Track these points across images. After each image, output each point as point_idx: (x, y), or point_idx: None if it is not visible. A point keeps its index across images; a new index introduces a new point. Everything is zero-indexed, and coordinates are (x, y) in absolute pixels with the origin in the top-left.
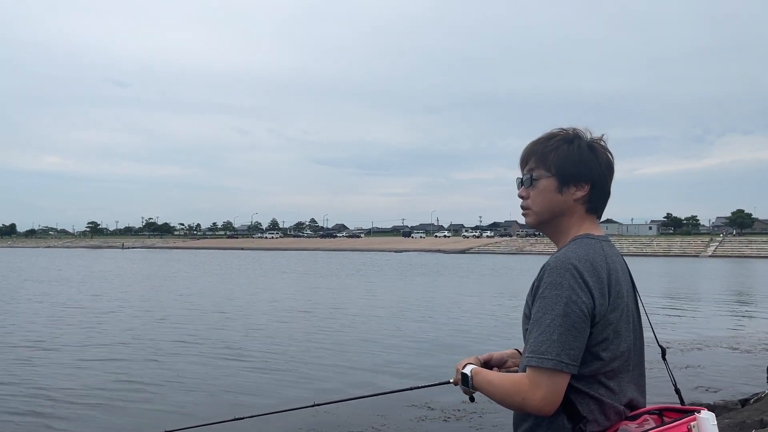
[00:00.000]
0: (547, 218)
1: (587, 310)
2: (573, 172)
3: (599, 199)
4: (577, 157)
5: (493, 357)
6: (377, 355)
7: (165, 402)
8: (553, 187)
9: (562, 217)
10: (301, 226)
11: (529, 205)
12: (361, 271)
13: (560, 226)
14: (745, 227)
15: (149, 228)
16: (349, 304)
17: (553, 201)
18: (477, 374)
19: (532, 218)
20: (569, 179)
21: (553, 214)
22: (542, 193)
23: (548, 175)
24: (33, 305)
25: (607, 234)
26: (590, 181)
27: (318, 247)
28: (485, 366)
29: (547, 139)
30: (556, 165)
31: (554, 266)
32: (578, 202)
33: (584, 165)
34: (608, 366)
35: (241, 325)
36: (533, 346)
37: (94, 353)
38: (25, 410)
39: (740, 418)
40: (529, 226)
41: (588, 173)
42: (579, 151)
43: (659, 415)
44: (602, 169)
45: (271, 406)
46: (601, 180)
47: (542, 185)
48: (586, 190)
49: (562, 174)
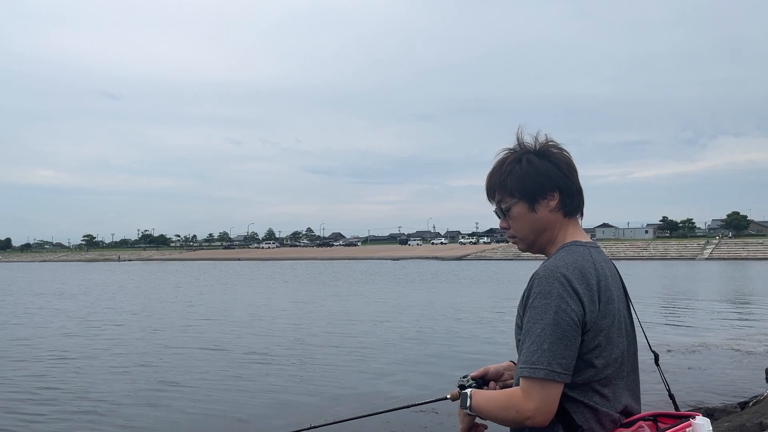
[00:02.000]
0: (533, 238)
1: (577, 318)
2: (535, 188)
3: (572, 200)
4: (533, 172)
5: (489, 371)
6: (381, 364)
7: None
8: (525, 209)
9: (545, 232)
10: (297, 235)
11: (513, 233)
12: (361, 280)
13: (546, 240)
14: (740, 229)
15: (145, 240)
16: (357, 312)
17: (532, 221)
18: (476, 394)
19: (521, 244)
20: (536, 195)
21: (536, 233)
22: (519, 219)
23: (515, 201)
24: (53, 317)
25: (604, 238)
26: (556, 188)
27: (315, 257)
28: (482, 379)
29: (499, 167)
30: (517, 189)
31: (543, 275)
32: (554, 211)
33: (542, 176)
34: (602, 373)
35: (269, 331)
36: (525, 356)
37: (132, 360)
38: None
39: (739, 421)
40: (522, 251)
41: (549, 182)
42: (530, 165)
43: (654, 421)
44: (562, 172)
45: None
46: (566, 182)
47: (515, 212)
48: (556, 197)
49: (526, 194)
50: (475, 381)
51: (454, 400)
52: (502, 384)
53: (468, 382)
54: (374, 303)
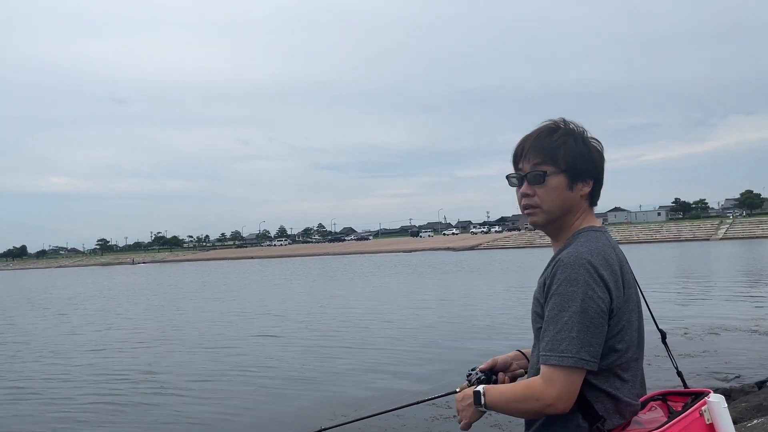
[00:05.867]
0: (559, 215)
1: (604, 306)
2: (583, 169)
3: (599, 192)
4: (586, 153)
5: (497, 361)
6: (390, 359)
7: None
8: (564, 185)
9: (569, 214)
10: (309, 231)
11: (538, 203)
12: (379, 273)
13: (566, 223)
14: (754, 208)
15: (158, 242)
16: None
17: (565, 198)
18: (489, 390)
19: (541, 217)
20: (579, 176)
21: (564, 211)
22: (554, 190)
23: (559, 172)
24: (92, 318)
25: (616, 222)
26: (595, 176)
27: (327, 252)
28: (490, 371)
29: (549, 134)
30: (566, 161)
31: (568, 262)
32: (584, 197)
33: (590, 160)
34: (623, 357)
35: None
36: (551, 344)
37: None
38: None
39: (757, 401)
40: (535, 226)
41: (594, 169)
42: (585, 146)
43: (663, 400)
44: (601, 163)
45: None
46: (601, 173)
47: (553, 182)
48: (591, 185)
49: (574, 170)
50: (483, 373)
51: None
52: (511, 375)
53: (477, 374)
54: (386, 297)
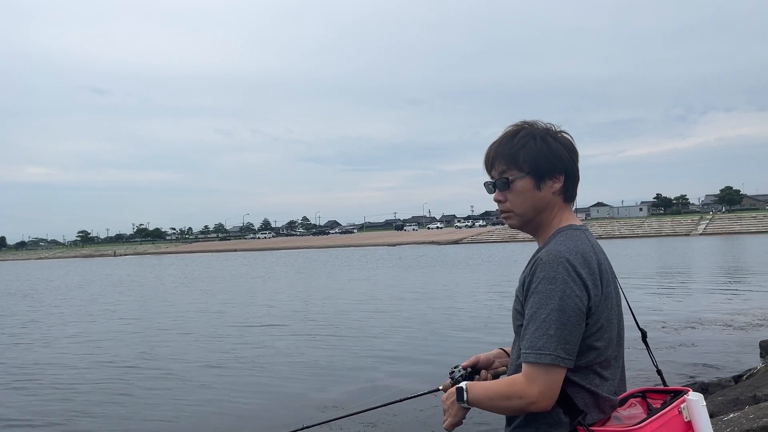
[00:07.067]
0: (532, 216)
1: (582, 304)
2: (546, 167)
3: (573, 187)
4: (547, 151)
5: (480, 359)
6: (374, 354)
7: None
8: (531, 186)
9: (543, 212)
10: (293, 224)
11: (510, 208)
12: (363, 266)
13: (543, 222)
14: (734, 204)
15: (140, 234)
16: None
17: (534, 199)
18: (472, 386)
19: (516, 220)
20: (544, 174)
21: (537, 211)
22: (522, 194)
23: (523, 175)
24: (105, 312)
25: (599, 217)
26: (563, 171)
27: (312, 245)
28: (473, 368)
29: (510, 139)
30: (528, 163)
31: (547, 261)
32: (556, 194)
33: (555, 157)
34: (603, 355)
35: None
36: (530, 341)
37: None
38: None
39: (733, 395)
40: (512, 228)
41: (560, 164)
42: (546, 144)
43: (642, 397)
44: (571, 157)
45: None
46: (572, 167)
47: (519, 186)
48: (561, 181)
49: (537, 171)
50: (466, 370)
51: (446, 390)
52: (493, 372)
53: (459, 372)
54: (369, 291)
